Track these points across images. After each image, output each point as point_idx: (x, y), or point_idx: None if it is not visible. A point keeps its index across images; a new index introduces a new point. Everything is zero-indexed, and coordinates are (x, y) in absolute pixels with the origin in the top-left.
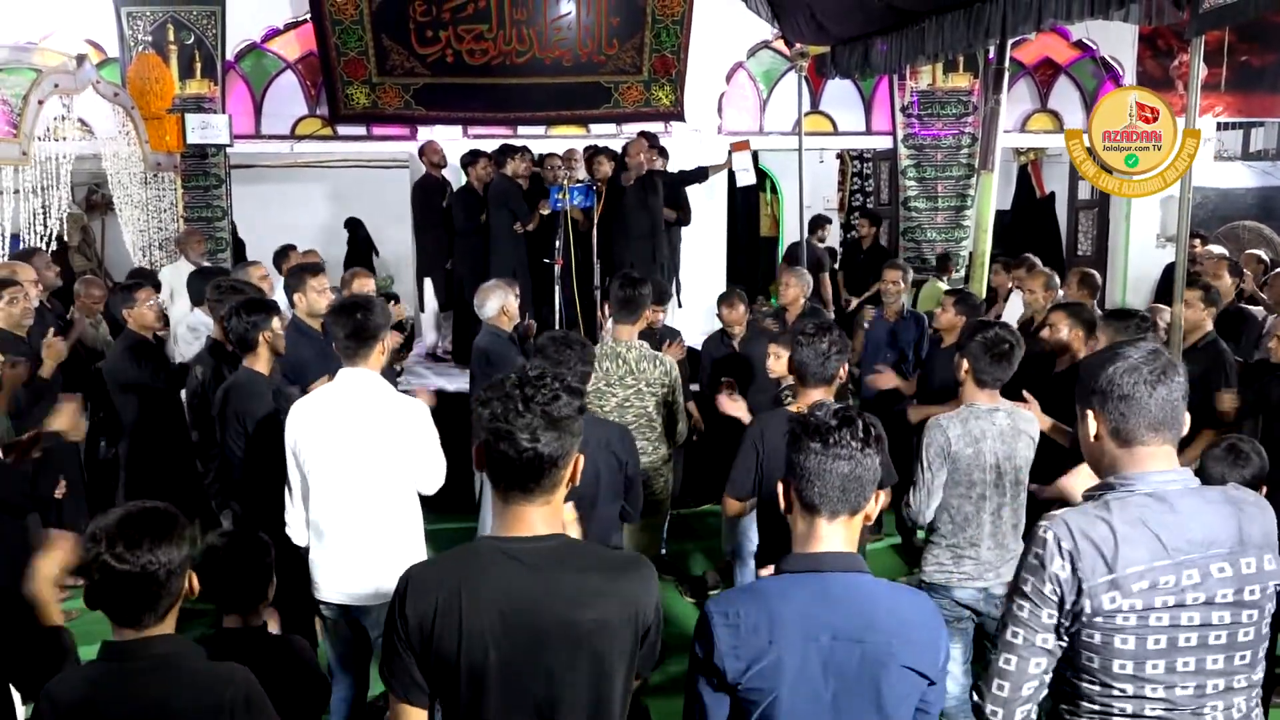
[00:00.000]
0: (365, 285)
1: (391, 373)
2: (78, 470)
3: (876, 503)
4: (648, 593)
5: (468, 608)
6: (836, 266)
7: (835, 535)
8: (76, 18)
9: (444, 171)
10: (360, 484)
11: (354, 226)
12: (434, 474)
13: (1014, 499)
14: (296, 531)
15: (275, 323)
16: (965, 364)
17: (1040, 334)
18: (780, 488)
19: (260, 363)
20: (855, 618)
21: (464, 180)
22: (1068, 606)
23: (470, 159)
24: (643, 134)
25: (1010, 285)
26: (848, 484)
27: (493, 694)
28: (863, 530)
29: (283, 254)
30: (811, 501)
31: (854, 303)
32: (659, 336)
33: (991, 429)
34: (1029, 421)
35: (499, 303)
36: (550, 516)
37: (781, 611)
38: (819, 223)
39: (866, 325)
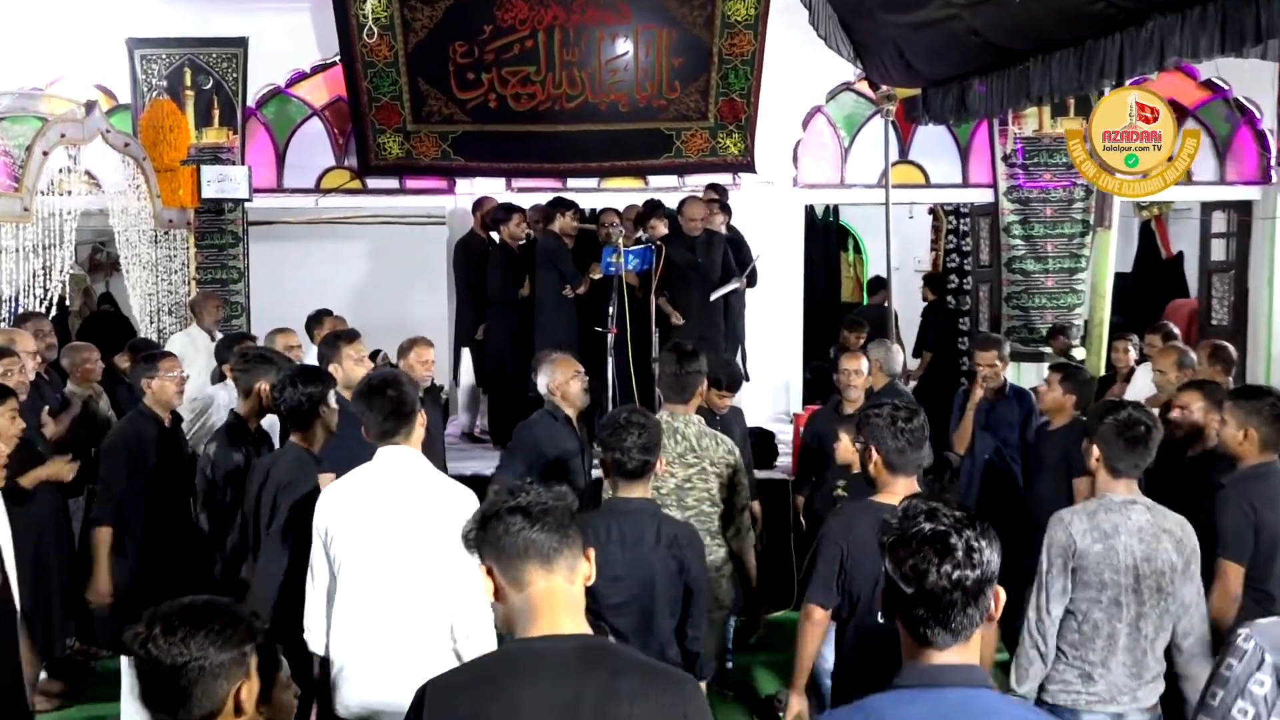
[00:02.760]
0: (426, 354)
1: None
2: (66, 560)
3: (997, 603)
4: (696, 708)
5: (496, 717)
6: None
7: (954, 648)
8: (86, 61)
9: (493, 232)
10: (400, 579)
11: None
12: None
13: (1156, 608)
14: (315, 635)
15: (331, 397)
16: (1095, 451)
17: (1170, 415)
18: (882, 599)
19: (311, 440)
20: None
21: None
22: None
23: (503, 215)
24: (712, 186)
25: (1133, 362)
26: (968, 599)
27: None
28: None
29: (316, 320)
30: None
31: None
32: (720, 423)
33: (1127, 524)
34: (1174, 521)
35: (545, 379)
36: (576, 608)
37: None
38: (879, 284)
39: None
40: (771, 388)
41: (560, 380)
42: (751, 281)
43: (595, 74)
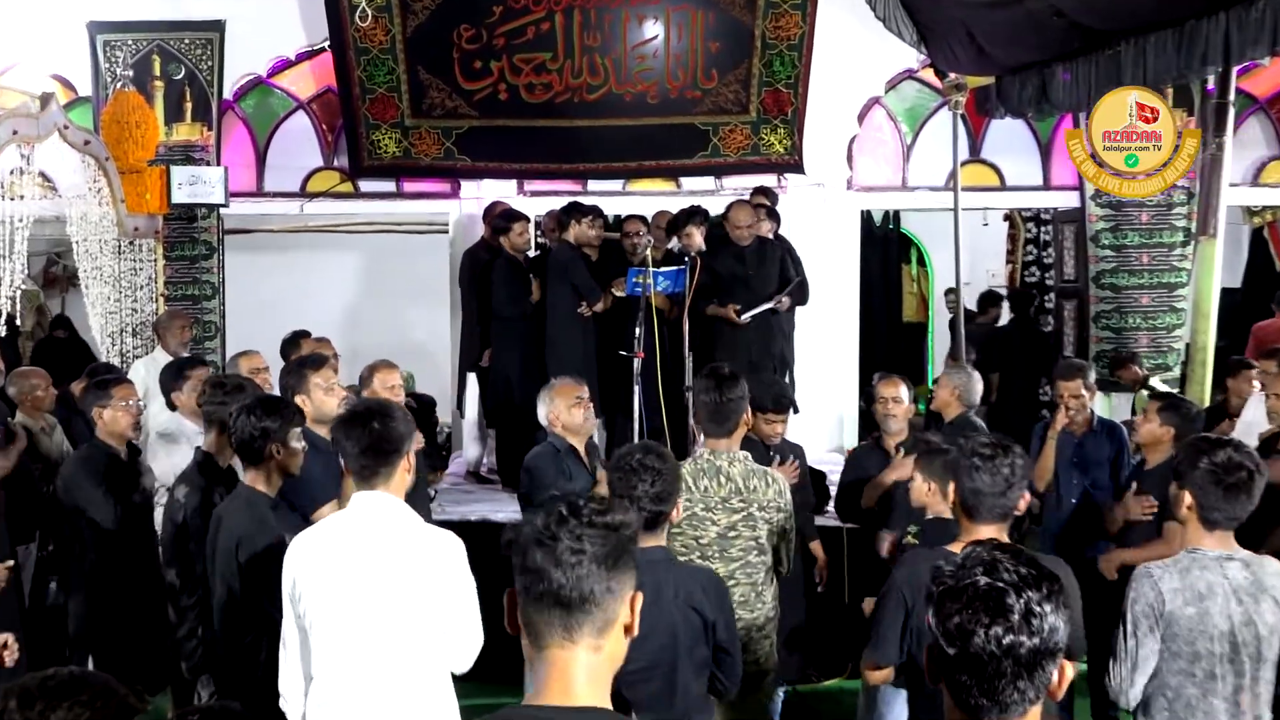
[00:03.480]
0: (390, 378)
1: (424, 497)
2: (17, 617)
3: (1062, 679)
4: None
5: None
6: None
7: None
8: (42, 48)
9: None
10: (378, 642)
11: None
12: (466, 641)
13: (1258, 679)
14: (292, 703)
15: (294, 435)
16: (1188, 497)
17: None
18: (926, 656)
19: (265, 481)
20: None
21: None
22: None
23: (504, 223)
24: (760, 190)
25: (1246, 391)
26: (1020, 670)
27: None
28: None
29: (293, 343)
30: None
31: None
32: (776, 454)
33: (1223, 584)
34: (1274, 572)
35: (545, 407)
36: (599, 678)
37: None
38: (991, 301)
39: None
40: (823, 420)
41: (560, 409)
42: (801, 298)
43: (620, 61)
